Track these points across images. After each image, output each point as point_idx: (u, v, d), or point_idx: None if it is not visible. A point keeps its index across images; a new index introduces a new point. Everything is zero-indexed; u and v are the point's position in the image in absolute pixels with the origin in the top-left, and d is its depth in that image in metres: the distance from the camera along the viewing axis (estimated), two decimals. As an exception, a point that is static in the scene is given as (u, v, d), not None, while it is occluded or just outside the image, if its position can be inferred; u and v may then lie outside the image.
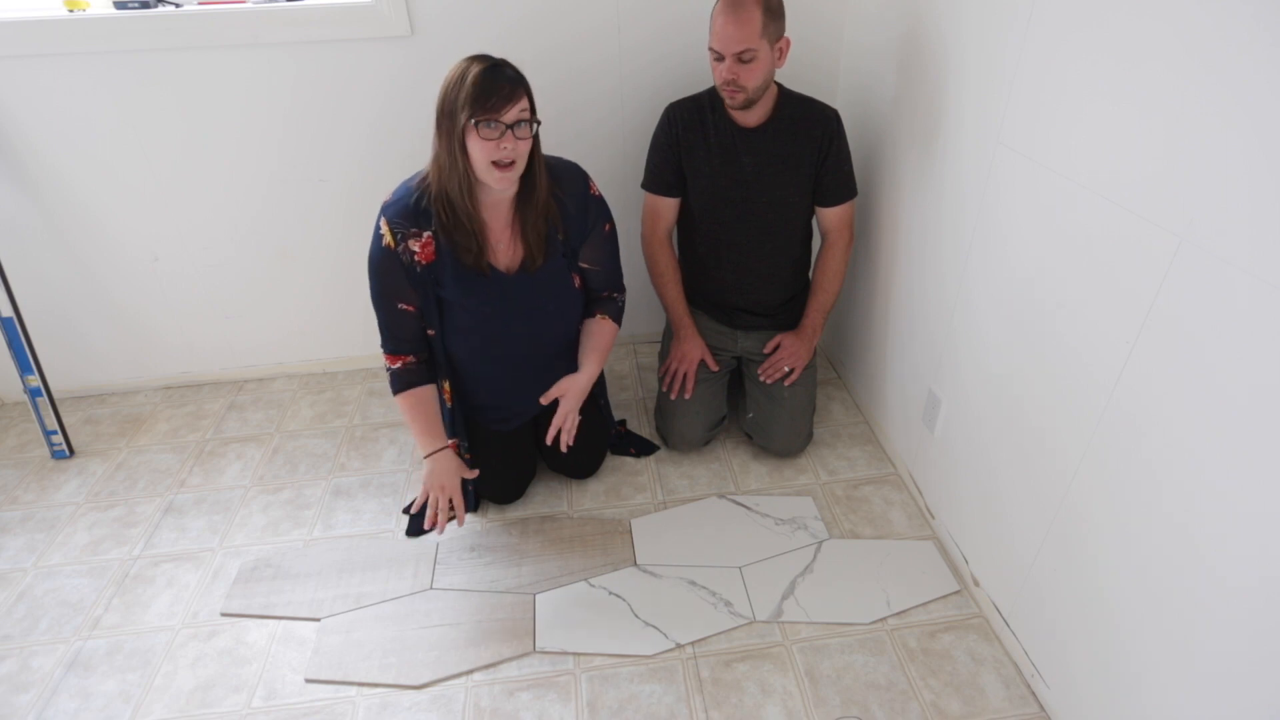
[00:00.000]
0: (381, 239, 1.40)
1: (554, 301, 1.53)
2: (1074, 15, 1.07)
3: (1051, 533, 1.22)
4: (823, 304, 1.80)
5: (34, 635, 1.47)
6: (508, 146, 1.27)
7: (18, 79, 1.71)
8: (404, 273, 1.41)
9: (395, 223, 1.38)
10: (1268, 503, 0.83)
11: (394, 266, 1.41)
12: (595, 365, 1.58)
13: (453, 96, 1.27)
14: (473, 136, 1.27)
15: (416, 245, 1.39)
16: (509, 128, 1.27)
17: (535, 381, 1.60)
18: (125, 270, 1.99)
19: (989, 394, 1.38)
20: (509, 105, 1.26)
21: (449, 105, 1.27)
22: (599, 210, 1.50)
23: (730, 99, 1.54)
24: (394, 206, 1.39)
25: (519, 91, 1.28)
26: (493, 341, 1.52)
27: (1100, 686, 1.13)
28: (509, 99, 1.26)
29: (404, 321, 1.47)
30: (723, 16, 1.46)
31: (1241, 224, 0.83)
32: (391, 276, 1.42)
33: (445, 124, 1.29)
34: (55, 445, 1.92)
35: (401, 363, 1.50)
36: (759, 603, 1.48)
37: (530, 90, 1.31)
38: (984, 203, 1.33)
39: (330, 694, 1.35)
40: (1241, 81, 0.81)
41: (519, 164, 1.32)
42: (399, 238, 1.39)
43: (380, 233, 1.40)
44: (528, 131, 1.30)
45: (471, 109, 1.25)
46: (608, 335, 1.61)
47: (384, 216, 1.39)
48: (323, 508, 1.75)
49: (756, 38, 1.46)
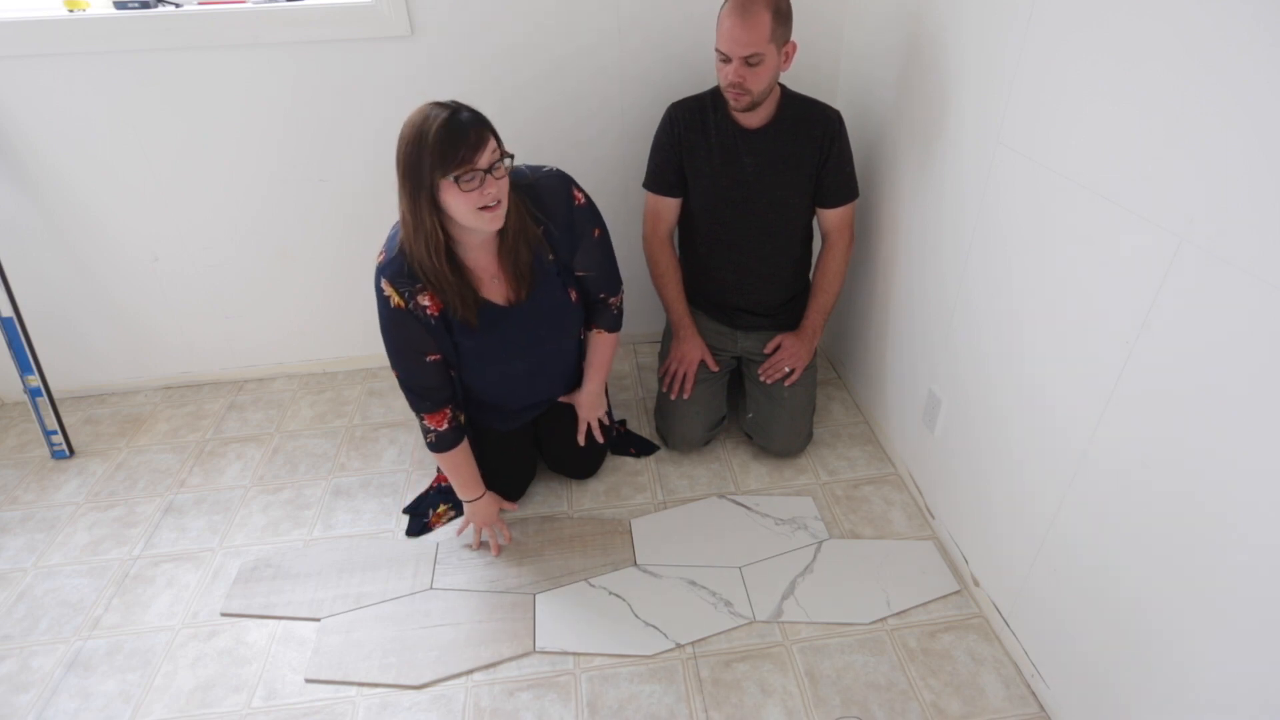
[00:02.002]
0: (389, 301, 1.35)
1: (551, 323, 1.52)
2: (1074, 15, 1.07)
3: (1052, 533, 1.22)
4: (823, 305, 1.80)
5: (34, 635, 1.47)
6: (491, 190, 1.23)
7: (18, 79, 1.71)
8: (420, 326, 1.38)
9: (398, 282, 1.34)
10: (1268, 502, 0.83)
11: (410, 323, 1.37)
12: (597, 379, 1.68)
13: (414, 157, 1.19)
14: (451, 192, 1.21)
15: (426, 300, 1.36)
16: (486, 172, 1.21)
17: (535, 388, 1.65)
18: (125, 270, 1.99)
19: (989, 394, 1.38)
20: (479, 151, 1.20)
21: (412, 166, 1.20)
22: (585, 218, 1.47)
23: (735, 101, 1.54)
24: (390, 267, 1.34)
25: (484, 133, 1.21)
26: (496, 364, 1.53)
27: (1100, 686, 1.13)
28: (477, 145, 1.20)
29: (431, 372, 1.44)
30: (731, 19, 1.44)
31: (1241, 224, 0.83)
32: (410, 333, 1.39)
33: (409, 185, 1.22)
34: (55, 445, 1.92)
35: (445, 423, 1.48)
36: (759, 603, 1.48)
37: (492, 126, 1.25)
38: (984, 203, 1.33)
39: (330, 694, 1.35)
40: (1241, 81, 0.82)
41: (505, 201, 1.28)
42: (406, 295, 1.35)
43: (385, 295, 1.35)
44: (502, 169, 1.25)
45: (443, 166, 1.18)
46: (607, 348, 1.66)
47: (384, 278, 1.34)
48: (323, 508, 1.75)
49: (765, 42, 1.45)
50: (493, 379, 1.56)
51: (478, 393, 1.60)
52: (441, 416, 1.48)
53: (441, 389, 1.48)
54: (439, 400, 1.48)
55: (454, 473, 1.56)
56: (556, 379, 1.67)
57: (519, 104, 1.89)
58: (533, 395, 1.67)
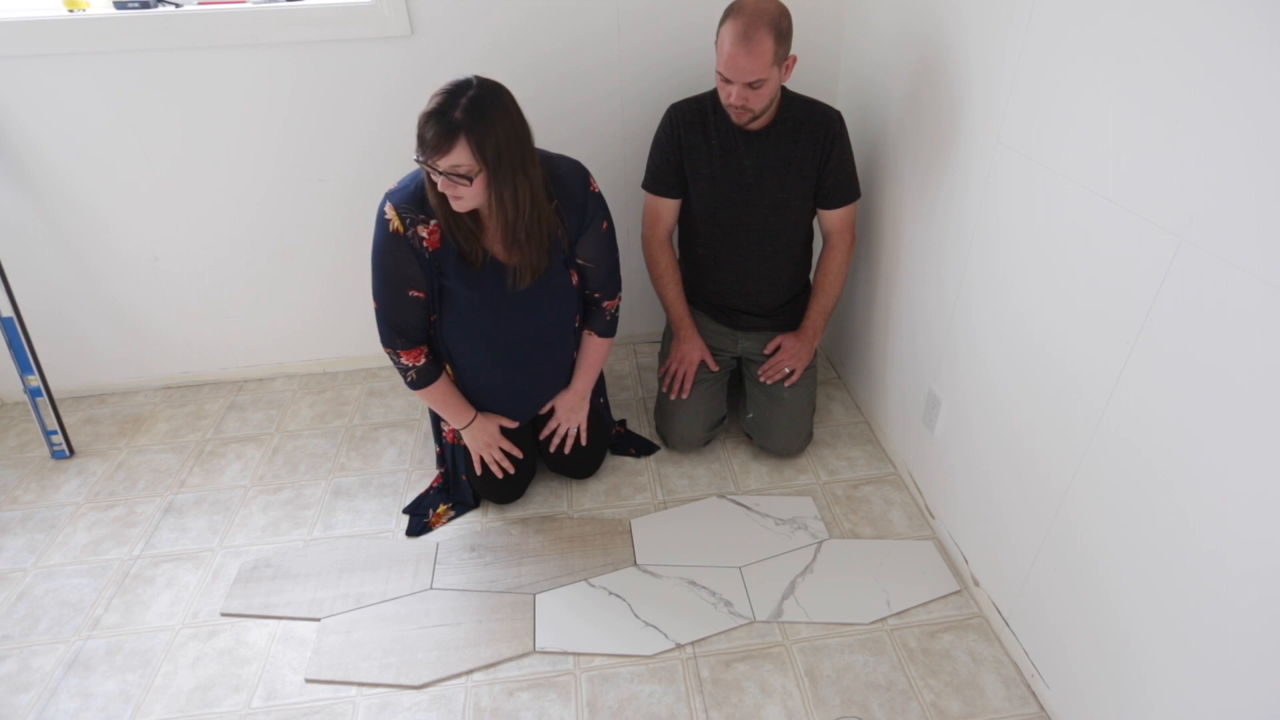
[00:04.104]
0: (388, 224, 1.37)
1: (551, 301, 1.53)
2: (1074, 14, 1.07)
3: (1051, 532, 1.22)
4: (824, 305, 1.79)
5: (34, 635, 1.47)
6: (446, 190, 1.27)
7: (18, 79, 1.71)
8: (414, 257, 1.40)
9: (403, 208, 1.37)
10: (1269, 502, 0.83)
11: (403, 251, 1.39)
12: (585, 381, 1.68)
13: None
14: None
15: (425, 231, 1.38)
16: (442, 173, 1.24)
17: (532, 382, 1.65)
18: (125, 270, 1.99)
19: (989, 394, 1.38)
20: (436, 156, 1.22)
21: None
22: (597, 206, 1.49)
23: (737, 119, 1.54)
24: (400, 193, 1.37)
25: (449, 144, 1.20)
26: (490, 336, 1.53)
27: (1100, 686, 1.13)
28: (436, 150, 1.21)
29: (410, 309, 1.46)
30: (734, 46, 1.42)
31: (1241, 224, 0.83)
32: (400, 262, 1.40)
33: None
34: (55, 445, 1.92)
35: (421, 357, 1.50)
36: (759, 603, 1.48)
37: (480, 136, 1.21)
38: (984, 203, 1.33)
39: (330, 694, 1.35)
40: (1242, 81, 0.82)
41: (465, 200, 1.29)
42: (407, 223, 1.37)
43: (386, 218, 1.37)
44: (463, 183, 1.25)
45: (417, 143, 1.24)
46: (598, 352, 1.66)
47: (390, 202, 1.37)
48: (323, 508, 1.75)
49: (768, 67, 1.44)
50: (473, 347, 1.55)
51: (474, 394, 1.60)
52: (419, 352, 1.50)
53: (418, 329, 1.50)
54: (415, 339, 1.50)
55: (440, 405, 1.58)
56: (551, 379, 1.67)
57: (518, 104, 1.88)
58: (527, 397, 1.66)
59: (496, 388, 1.62)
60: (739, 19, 1.42)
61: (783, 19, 1.44)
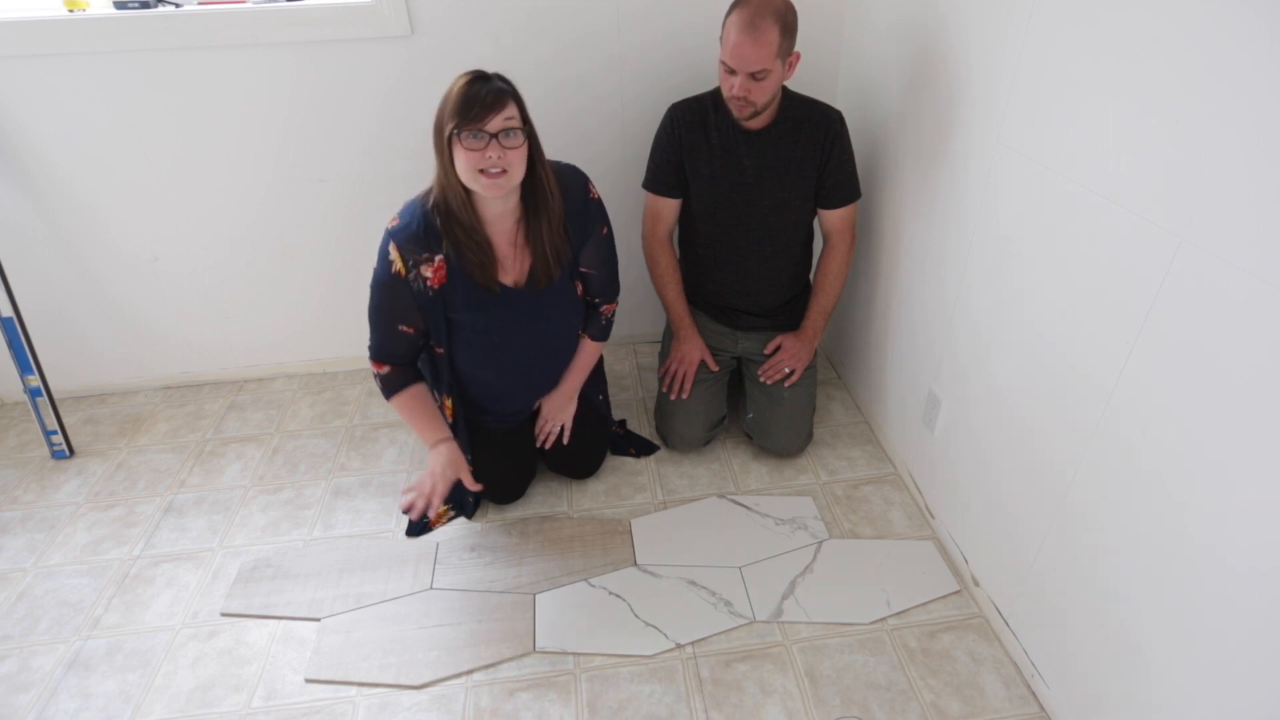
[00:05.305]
0: (390, 265, 1.36)
1: (558, 313, 1.53)
2: (1074, 13, 1.07)
3: (1052, 532, 1.22)
4: (824, 305, 1.79)
5: (34, 635, 1.47)
6: (493, 155, 1.25)
7: (18, 79, 1.71)
8: (412, 299, 1.40)
9: (406, 248, 1.35)
10: (1269, 501, 0.83)
11: (402, 292, 1.39)
12: (573, 382, 1.67)
13: (440, 110, 1.27)
14: (457, 147, 1.25)
15: (429, 270, 1.37)
16: (494, 137, 1.24)
17: (534, 385, 1.65)
18: (125, 270, 1.99)
19: (989, 394, 1.38)
20: (491, 114, 1.23)
21: (439, 120, 1.27)
22: (597, 213, 1.49)
23: (738, 112, 1.54)
24: (403, 232, 1.36)
25: (504, 99, 1.25)
26: (496, 352, 1.53)
27: (1100, 686, 1.13)
28: (491, 107, 1.23)
29: (400, 340, 1.46)
30: (739, 34, 1.43)
31: (1242, 224, 0.83)
32: (397, 301, 1.40)
33: (436, 140, 1.29)
34: (55, 445, 1.92)
35: (390, 369, 1.49)
36: (759, 603, 1.48)
37: (520, 100, 1.29)
38: (984, 203, 1.33)
39: (330, 694, 1.35)
40: (1242, 81, 0.81)
41: (511, 173, 1.29)
42: (410, 264, 1.36)
43: (389, 258, 1.36)
44: (517, 139, 1.27)
45: (456, 120, 1.23)
46: (589, 355, 1.67)
47: (394, 242, 1.36)
48: (323, 508, 1.75)
49: (772, 58, 1.44)
50: (486, 372, 1.55)
51: (474, 393, 1.60)
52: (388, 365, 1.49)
53: (406, 355, 1.49)
54: (396, 362, 1.49)
55: (411, 417, 1.51)
56: (553, 384, 1.67)
57: (519, 104, 1.89)
58: (527, 390, 1.66)
59: (498, 397, 1.63)
60: (746, 8, 1.43)
61: (789, 13, 1.46)
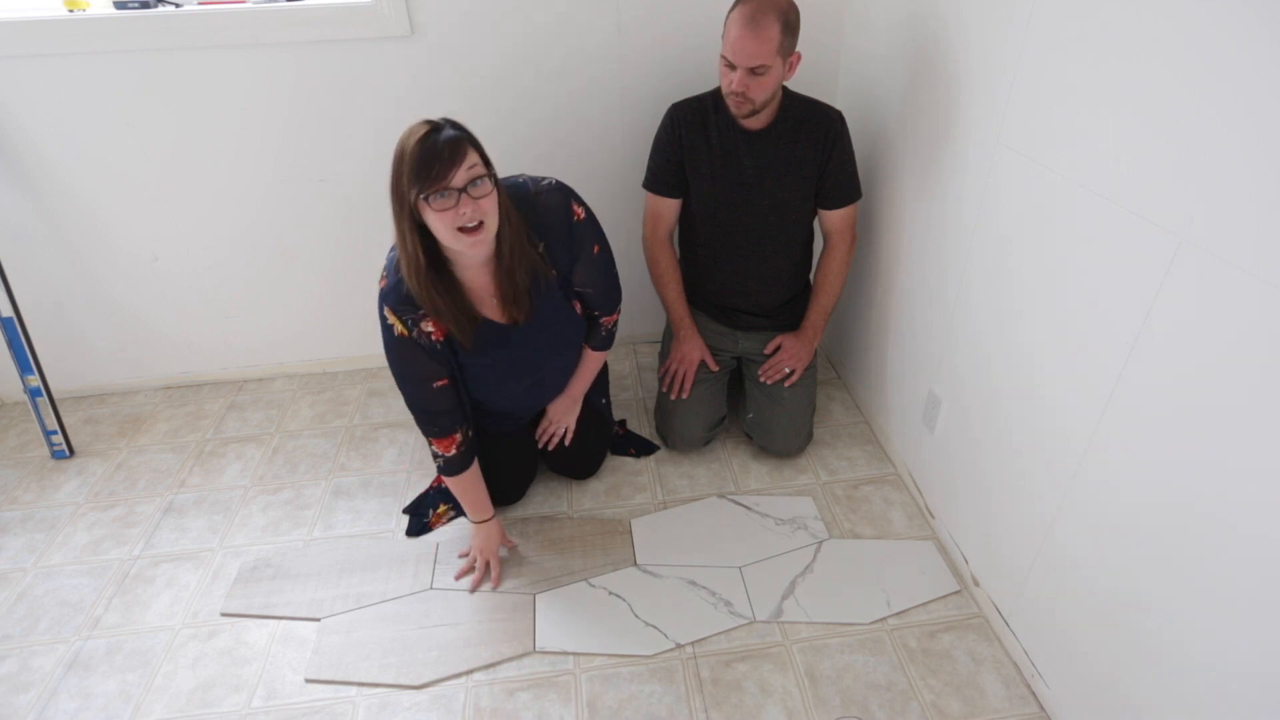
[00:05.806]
0: (392, 329, 1.34)
1: (559, 335, 1.53)
2: (1074, 14, 1.07)
3: (1052, 532, 1.22)
4: (824, 306, 1.79)
5: (34, 635, 1.47)
6: (466, 211, 1.18)
7: (18, 79, 1.71)
8: (426, 354, 1.38)
9: (400, 310, 1.33)
10: (1269, 501, 0.83)
11: (414, 351, 1.37)
12: (578, 387, 1.68)
13: (396, 175, 1.18)
14: (427, 211, 1.18)
15: (429, 325, 1.35)
16: (461, 191, 1.17)
17: (542, 399, 1.68)
18: (125, 270, 1.99)
19: (989, 394, 1.38)
20: (453, 168, 1.15)
21: (395, 185, 1.19)
22: (585, 233, 1.43)
23: (736, 109, 1.54)
24: (393, 294, 1.32)
25: (460, 149, 1.17)
26: (507, 382, 1.53)
27: (1100, 686, 1.13)
28: (451, 160, 1.15)
29: (440, 397, 1.42)
30: (740, 28, 1.43)
31: (1241, 224, 0.83)
32: (416, 362, 1.38)
33: (394, 205, 1.21)
34: (55, 445, 1.92)
35: (453, 448, 1.46)
36: (759, 603, 1.48)
37: (476, 142, 1.21)
38: (984, 203, 1.33)
39: (330, 694, 1.35)
40: (1242, 81, 0.82)
41: (488, 223, 1.22)
42: (409, 324, 1.34)
43: (389, 324, 1.34)
44: (485, 187, 1.20)
45: (419, 184, 1.15)
46: (592, 363, 1.67)
47: (386, 306, 1.33)
48: (323, 508, 1.75)
49: (772, 54, 1.44)
50: (497, 396, 1.56)
51: (482, 402, 1.60)
52: (450, 442, 1.45)
53: (451, 413, 1.44)
54: (447, 425, 1.44)
55: (462, 495, 1.54)
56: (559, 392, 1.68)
57: (519, 104, 1.89)
58: (537, 404, 1.69)
59: (508, 412, 1.64)
60: (749, 4, 1.44)
61: (791, 11, 1.46)
